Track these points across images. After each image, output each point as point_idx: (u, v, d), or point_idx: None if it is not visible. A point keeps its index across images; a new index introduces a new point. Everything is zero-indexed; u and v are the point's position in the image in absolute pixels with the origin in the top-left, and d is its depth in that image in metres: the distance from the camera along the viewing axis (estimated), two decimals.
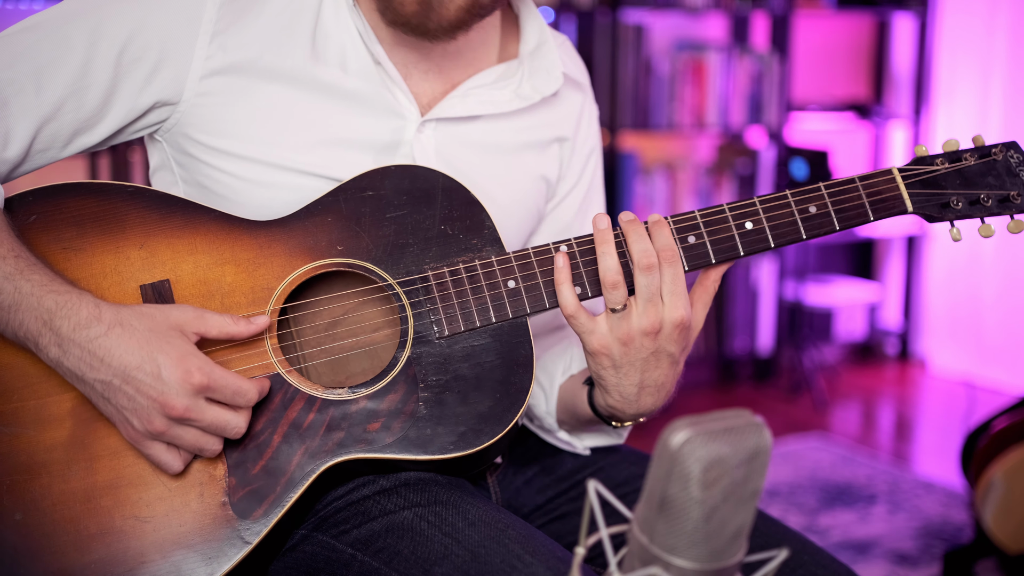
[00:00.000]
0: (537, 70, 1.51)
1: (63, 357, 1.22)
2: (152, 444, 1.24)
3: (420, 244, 1.36)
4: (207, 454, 1.25)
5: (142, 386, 1.20)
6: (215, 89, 1.37)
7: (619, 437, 1.56)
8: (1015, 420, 2.93)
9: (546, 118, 1.54)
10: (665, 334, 1.31)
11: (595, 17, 4.60)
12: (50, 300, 1.22)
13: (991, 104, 5.13)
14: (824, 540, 3.40)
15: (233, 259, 1.34)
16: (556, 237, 1.59)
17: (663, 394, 1.37)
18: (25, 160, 1.35)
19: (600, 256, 1.32)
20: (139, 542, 1.24)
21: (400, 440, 1.30)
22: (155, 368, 1.20)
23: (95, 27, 1.33)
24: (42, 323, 1.22)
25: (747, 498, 0.85)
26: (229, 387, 1.23)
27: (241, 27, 1.37)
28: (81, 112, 1.34)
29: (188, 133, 1.39)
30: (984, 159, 1.41)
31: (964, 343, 5.28)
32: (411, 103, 1.44)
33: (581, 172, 1.61)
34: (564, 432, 1.53)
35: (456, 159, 1.47)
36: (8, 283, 1.22)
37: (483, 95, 1.48)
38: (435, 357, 1.33)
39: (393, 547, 1.27)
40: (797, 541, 1.43)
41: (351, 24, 1.41)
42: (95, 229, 1.32)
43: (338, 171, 1.39)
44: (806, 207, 1.37)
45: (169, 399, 1.20)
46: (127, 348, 1.21)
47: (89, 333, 1.21)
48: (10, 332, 1.25)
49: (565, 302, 1.33)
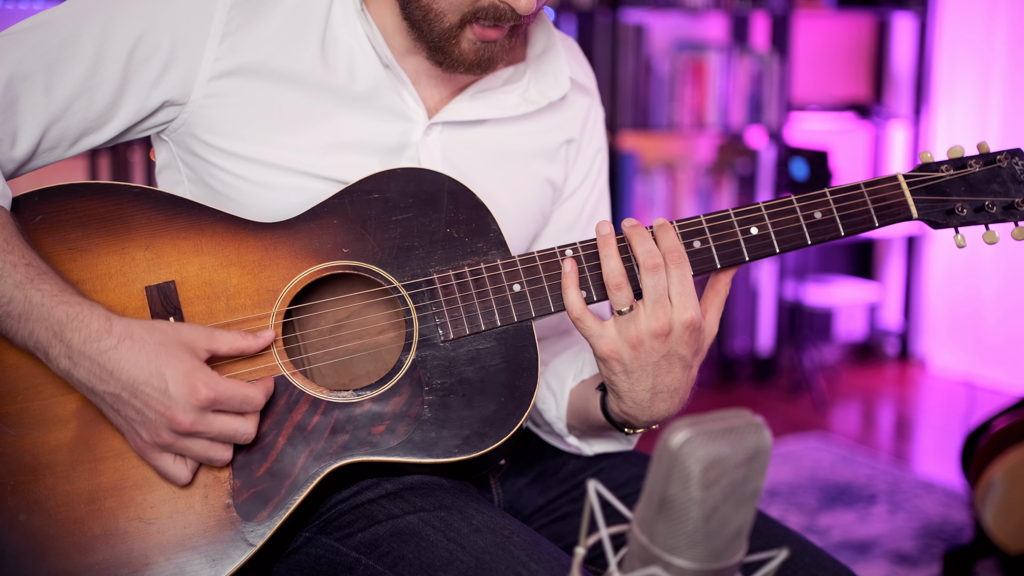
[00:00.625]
0: (544, 75, 1.52)
1: (73, 369, 1.22)
2: (160, 456, 1.24)
3: (425, 247, 1.36)
4: (216, 463, 1.25)
5: (150, 400, 1.20)
6: (224, 91, 1.37)
7: (628, 444, 1.55)
8: (1015, 420, 2.93)
9: (552, 122, 1.54)
10: (676, 336, 1.30)
11: (595, 17, 4.60)
12: (61, 311, 1.22)
13: (991, 104, 5.13)
14: (824, 540, 3.40)
15: (239, 261, 1.34)
16: (560, 237, 1.59)
17: (677, 400, 1.35)
18: (32, 159, 1.35)
19: (603, 259, 1.32)
20: (143, 544, 1.24)
21: (405, 443, 1.30)
22: (162, 383, 1.20)
23: (105, 26, 1.33)
24: (52, 334, 1.22)
25: (747, 498, 0.85)
26: (236, 397, 1.23)
27: (252, 29, 1.37)
28: (90, 111, 1.34)
29: (195, 133, 1.39)
30: (989, 166, 1.40)
31: (964, 343, 5.28)
32: (419, 106, 1.44)
33: (587, 172, 1.62)
34: (573, 438, 1.53)
35: (462, 163, 1.47)
36: (19, 292, 1.22)
37: (490, 99, 1.48)
38: (440, 360, 1.33)
39: (398, 552, 1.27)
40: (797, 541, 1.42)
41: (359, 28, 1.41)
42: (101, 230, 1.32)
43: (344, 174, 1.39)
44: (811, 213, 1.37)
45: (176, 415, 1.20)
46: (136, 362, 1.21)
47: (99, 346, 1.21)
48: (20, 341, 1.24)
49: (572, 305, 1.33)
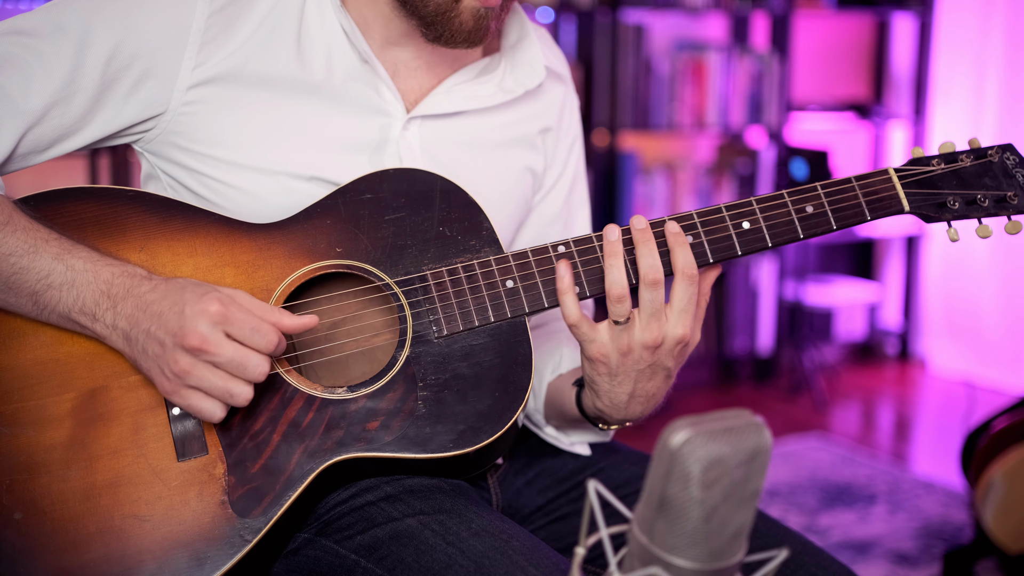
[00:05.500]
0: (519, 64, 1.53)
1: (116, 318, 1.24)
2: (188, 392, 1.22)
3: (418, 245, 1.37)
4: (237, 399, 1.22)
5: (168, 324, 1.21)
6: (202, 98, 1.37)
7: (605, 436, 1.57)
8: (1015, 420, 2.93)
9: (530, 111, 1.56)
10: (665, 349, 1.32)
11: (595, 17, 4.60)
12: (106, 272, 1.25)
13: (988, 104, 5.13)
14: (824, 540, 3.40)
15: (233, 261, 1.34)
16: (544, 228, 1.61)
17: (651, 404, 1.38)
18: (8, 164, 1.36)
19: (607, 268, 1.31)
20: (138, 541, 1.24)
21: (399, 439, 1.30)
22: (180, 307, 1.21)
23: (83, 34, 1.33)
24: (100, 293, 1.25)
25: (747, 498, 0.85)
26: (247, 322, 1.21)
27: (228, 36, 1.37)
28: (65, 118, 1.34)
29: (174, 141, 1.39)
30: (980, 160, 1.42)
31: (964, 343, 5.28)
32: (397, 100, 1.44)
33: (565, 162, 1.63)
34: (551, 428, 1.55)
35: (443, 156, 1.47)
36: (59, 263, 1.25)
37: (467, 91, 1.49)
38: (434, 356, 1.33)
39: (397, 555, 1.27)
40: (797, 541, 1.43)
41: (336, 24, 1.42)
42: (96, 232, 1.32)
43: (327, 172, 1.40)
44: (803, 207, 1.38)
45: (186, 329, 1.19)
46: (164, 295, 1.23)
47: (140, 290, 1.24)
48: (63, 310, 1.25)
49: (568, 312, 1.32)
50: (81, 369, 1.28)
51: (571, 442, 1.56)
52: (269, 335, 1.22)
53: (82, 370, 1.28)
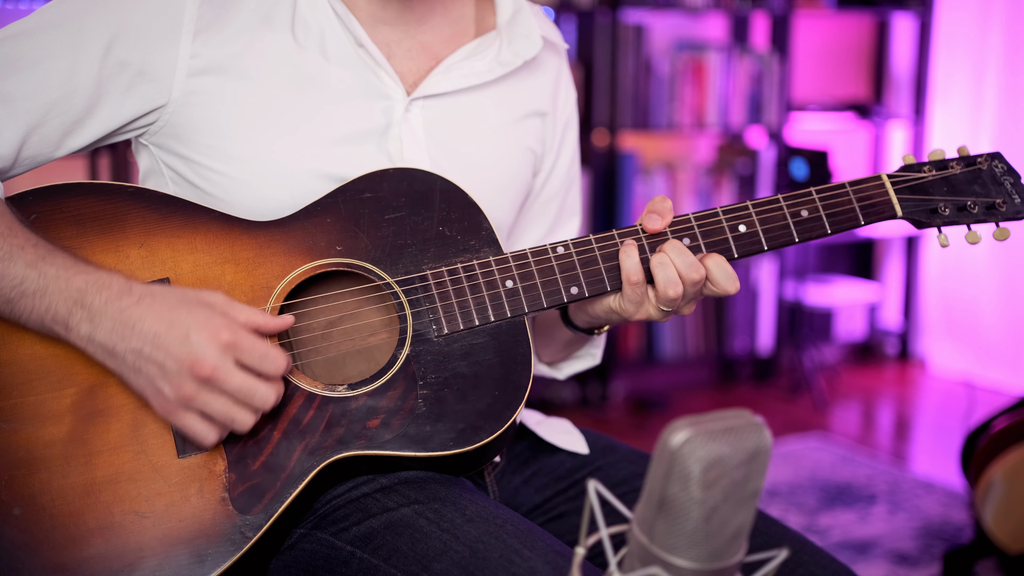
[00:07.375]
0: (516, 37, 1.53)
1: (95, 331, 1.22)
2: (185, 414, 1.22)
3: (418, 245, 1.37)
4: (238, 427, 1.23)
5: (171, 349, 1.20)
6: (203, 88, 1.37)
7: (593, 358, 1.62)
8: (1015, 420, 2.93)
9: (527, 85, 1.56)
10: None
11: (595, 17, 4.60)
12: (79, 280, 1.23)
13: (989, 104, 5.13)
14: (824, 540, 3.40)
15: (233, 258, 1.34)
16: (542, 210, 1.63)
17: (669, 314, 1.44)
18: (14, 166, 1.36)
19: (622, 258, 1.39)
20: (138, 537, 1.24)
21: (399, 437, 1.30)
22: (184, 332, 1.20)
23: (78, 31, 1.33)
24: (72, 302, 1.23)
25: (747, 498, 0.85)
26: (256, 349, 1.22)
27: (223, 24, 1.37)
28: (68, 116, 1.35)
29: (178, 134, 1.39)
30: (970, 168, 1.45)
31: (964, 343, 5.28)
32: (396, 83, 1.44)
33: (560, 144, 1.64)
34: (544, 366, 1.62)
35: (446, 136, 1.48)
36: (32, 270, 1.24)
37: (464, 68, 1.49)
38: (434, 355, 1.34)
39: (392, 544, 1.28)
40: (797, 541, 1.43)
41: (328, 7, 1.42)
42: (95, 228, 1.32)
43: (330, 165, 1.40)
44: (798, 211, 1.41)
45: (198, 357, 1.19)
46: (157, 314, 1.21)
47: (120, 304, 1.22)
48: (36, 318, 1.25)
49: (630, 271, 1.37)
50: (80, 365, 1.28)
51: (564, 375, 1.63)
52: (278, 360, 1.23)
53: (81, 366, 1.28)
